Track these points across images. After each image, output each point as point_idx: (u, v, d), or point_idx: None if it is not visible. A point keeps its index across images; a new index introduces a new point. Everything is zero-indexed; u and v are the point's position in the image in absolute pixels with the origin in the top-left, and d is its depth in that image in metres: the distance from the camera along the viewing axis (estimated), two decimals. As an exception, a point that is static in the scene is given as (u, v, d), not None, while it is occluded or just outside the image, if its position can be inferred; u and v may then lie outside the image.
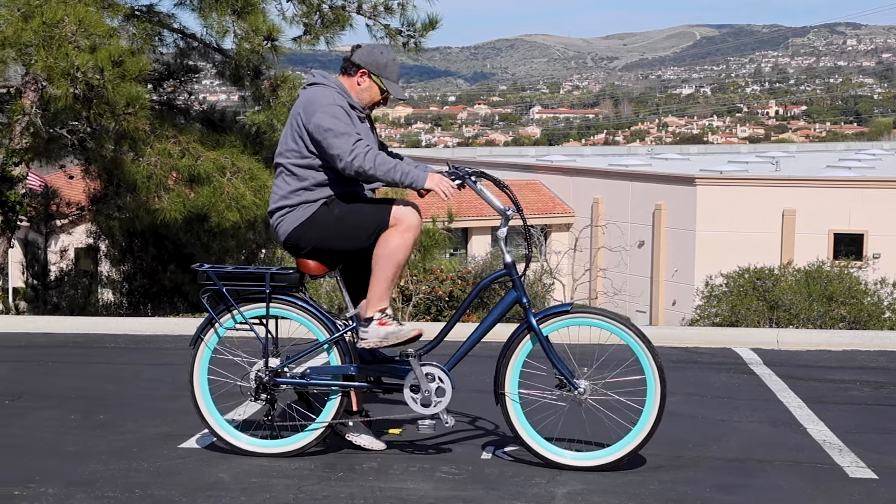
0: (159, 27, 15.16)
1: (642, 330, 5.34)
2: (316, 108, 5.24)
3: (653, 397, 5.23)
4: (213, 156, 13.37)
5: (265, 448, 5.48)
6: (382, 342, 5.26)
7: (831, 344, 8.83)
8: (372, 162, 5.13)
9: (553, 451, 5.31)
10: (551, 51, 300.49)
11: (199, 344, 5.48)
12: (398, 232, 5.24)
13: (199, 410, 5.50)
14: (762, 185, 38.18)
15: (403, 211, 5.26)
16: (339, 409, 5.42)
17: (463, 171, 5.37)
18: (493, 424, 6.02)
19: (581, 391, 5.29)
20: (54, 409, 6.55)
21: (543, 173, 45.62)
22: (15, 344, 8.96)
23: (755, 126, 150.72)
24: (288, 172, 5.34)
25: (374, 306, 5.29)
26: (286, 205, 5.34)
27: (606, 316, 5.29)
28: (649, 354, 5.21)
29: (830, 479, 5.22)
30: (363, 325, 5.29)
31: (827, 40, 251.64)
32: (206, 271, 5.43)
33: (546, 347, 5.26)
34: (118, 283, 17.47)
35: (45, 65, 11.25)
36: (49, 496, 4.85)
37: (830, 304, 21.37)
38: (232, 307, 5.43)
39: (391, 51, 5.51)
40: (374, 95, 5.45)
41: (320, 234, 5.29)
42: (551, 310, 5.32)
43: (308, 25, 15.01)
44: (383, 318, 5.28)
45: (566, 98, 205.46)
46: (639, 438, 5.26)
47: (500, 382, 5.32)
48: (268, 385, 5.41)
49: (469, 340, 5.39)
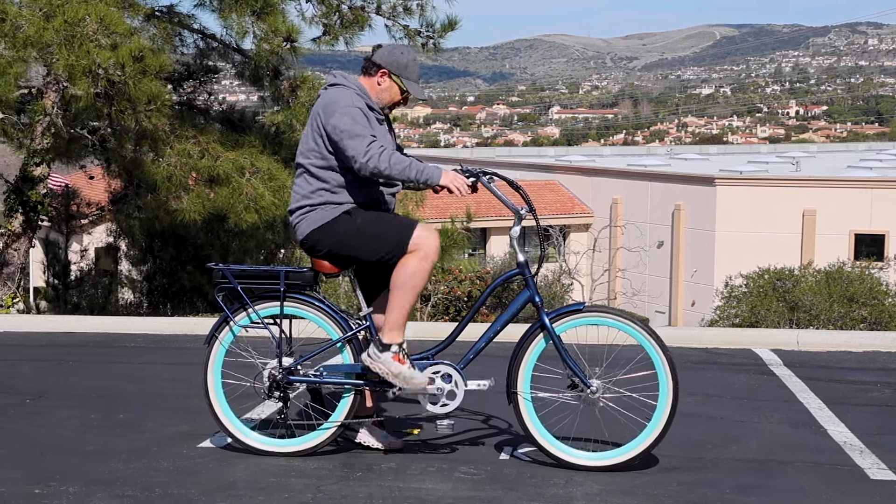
0: (179, 27, 15.23)
1: (655, 330, 5.32)
2: (334, 109, 5.25)
3: (665, 397, 5.22)
4: (233, 156, 13.41)
5: (278, 447, 5.49)
6: (389, 377, 5.25)
7: (852, 345, 8.78)
8: (387, 162, 5.13)
9: (565, 451, 5.31)
10: (570, 51, 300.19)
11: (213, 342, 5.50)
12: (417, 259, 5.23)
13: (212, 409, 5.52)
14: (782, 185, 38.04)
15: (423, 236, 5.24)
16: (353, 408, 5.43)
17: (476, 169, 5.38)
18: (512, 425, 6.01)
19: (594, 390, 5.29)
20: (75, 408, 6.58)
21: (562, 174, 45.57)
22: (36, 343, 9.00)
23: (775, 126, 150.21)
24: (309, 173, 5.35)
25: (392, 336, 5.27)
26: (306, 204, 5.35)
27: (619, 315, 5.28)
28: (662, 354, 5.20)
29: (851, 481, 5.19)
30: (378, 346, 5.28)
31: (848, 40, 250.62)
32: (222, 270, 5.45)
33: (559, 346, 5.25)
34: (138, 283, 17.56)
35: (67, 63, 11.31)
36: (69, 495, 4.87)
37: (851, 305, 21.29)
38: (246, 305, 5.45)
39: (412, 51, 5.50)
40: (395, 95, 5.45)
41: (339, 240, 5.29)
42: (564, 309, 5.31)
43: (327, 26, 15.04)
44: (400, 353, 5.28)
45: (585, 98, 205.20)
46: (651, 438, 5.24)
47: (512, 382, 5.32)
48: (281, 383, 5.43)
49: (482, 339, 5.40)
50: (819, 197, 36.62)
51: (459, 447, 5.65)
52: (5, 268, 14.13)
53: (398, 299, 5.24)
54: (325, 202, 5.32)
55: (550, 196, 43.39)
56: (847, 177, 40.12)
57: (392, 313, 5.26)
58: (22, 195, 14.10)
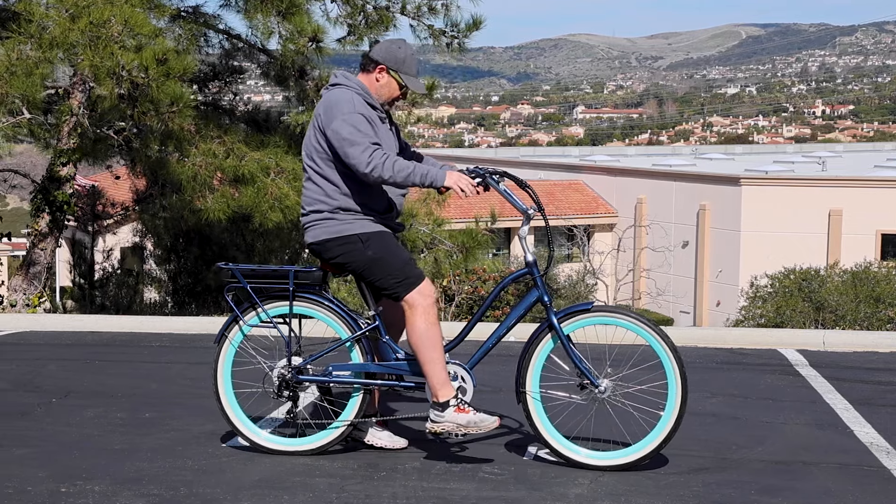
0: (205, 28, 15.28)
1: (664, 329, 5.30)
2: (335, 114, 5.24)
3: (674, 397, 5.20)
4: (258, 156, 13.44)
5: (287, 446, 5.51)
6: (461, 429, 5.22)
7: (879, 346, 8.72)
8: (391, 170, 5.13)
9: (574, 450, 5.31)
10: (595, 50, 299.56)
11: (223, 341, 5.52)
12: (418, 315, 5.23)
13: (222, 407, 5.54)
14: (808, 185, 37.81)
15: (421, 292, 5.24)
16: (361, 408, 5.43)
17: (484, 169, 5.36)
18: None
19: (602, 390, 5.27)
20: (101, 406, 6.62)
21: (587, 173, 45.47)
22: (63, 342, 9.06)
23: (801, 126, 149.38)
24: (317, 174, 5.35)
25: (444, 392, 5.23)
26: (319, 209, 5.34)
27: (628, 315, 5.27)
28: (671, 354, 5.18)
29: (878, 482, 5.16)
30: (436, 408, 5.25)
31: (875, 39, 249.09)
32: (231, 269, 5.46)
33: (567, 346, 5.25)
34: (163, 283, 17.63)
35: (91, 64, 11.37)
36: (95, 493, 4.89)
37: (878, 306, 21.15)
38: (256, 305, 5.46)
39: (409, 46, 5.48)
40: (393, 91, 5.44)
41: (348, 259, 5.31)
42: (572, 308, 5.31)
43: (352, 26, 15.06)
44: (459, 403, 5.25)
45: (610, 98, 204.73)
46: (660, 438, 5.23)
47: (521, 381, 5.32)
48: (291, 382, 5.43)
49: (491, 339, 5.40)
50: (845, 197, 36.40)
51: (483, 447, 5.65)
52: (32, 267, 14.22)
53: (425, 358, 5.22)
54: (339, 207, 5.31)
55: (575, 196, 43.31)
56: (874, 176, 39.85)
57: (429, 374, 5.24)
58: (48, 195, 14.18)
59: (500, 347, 5.54)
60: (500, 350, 6.23)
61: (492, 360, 6.60)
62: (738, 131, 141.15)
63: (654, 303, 38.74)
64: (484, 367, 5.50)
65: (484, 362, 5.51)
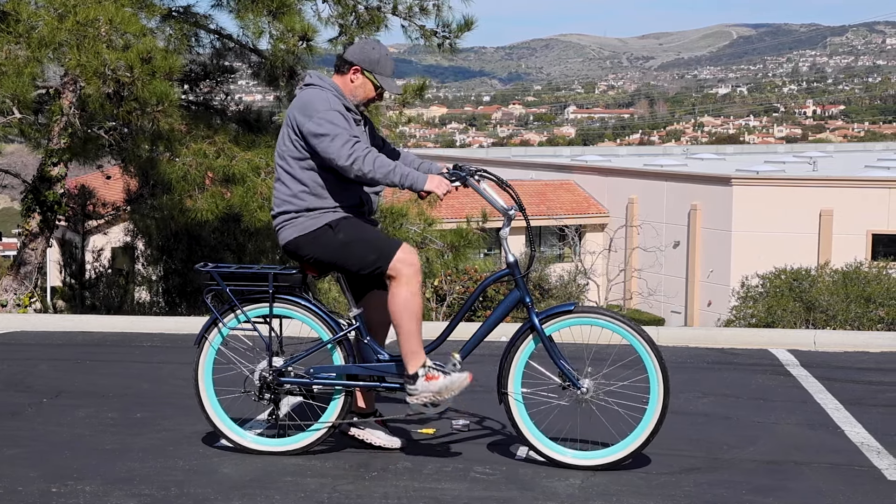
0: (196, 28, 15.26)
1: (645, 330, 5.32)
2: (311, 112, 5.20)
3: (656, 397, 5.22)
4: (248, 156, 13.43)
5: (269, 447, 5.50)
6: (437, 397, 5.22)
7: (869, 346, 8.75)
8: (371, 165, 5.10)
9: (557, 451, 5.31)
10: (586, 51, 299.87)
11: (203, 343, 5.50)
12: (402, 284, 5.20)
13: (203, 409, 5.53)
14: (799, 185, 37.90)
15: (402, 259, 5.20)
16: (344, 409, 5.42)
17: (466, 170, 5.34)
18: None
19: (584, 390, 5.28)
20: (92, 406, 6.61)
21: (578, 173, 45.51)
22: (54, 342, 9.04)
23: (792, 126, 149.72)
24: (288, 175, 5.31)
25: (414, 363, 5.24)
26: (287, 210, 5.31)
27: (609, 315, 5.28)
28: (653, 354, 5.19)
29: (868, 482, 5.17)
30: (409, 381, 5.25)
31: (866, 39, 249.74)
32: (210, 271, 5.43)
33: (549, 347, 5.25)
34: (154, 283, 17.60)
35: (78, 63, 11.34)
36: (86, 493, 4.88)
37: (868, 306, 21.20)
38: (235, 307, 5.44)
39: (384, 46, 5.43)
40: (368, 92, 5.40)
41: (322, 251, 5.28)
42: (554, 309, 5.31)
43: (343, 26, 15.05)
44: (429, 372, 5.25)
45: (601, 98, 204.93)
46: (642, 438, 5.24)
47: (503, 382, 5.32)
48: (272, 384, 5.42)
49: (472, 340, 5.39)
50: (836, 197, 36.48)
51: (475, 447, 5.65)
52: (22, 267, 14.19)
53: (403, 329, 5.22)
54: (307, 208, 5.28)
55: (566, 196, 43.35)
56: (864, 176, 39.96)
57: (403, 344, 5.24)
58: (39, 195, 14.15)
59: (493, 348, 5.54)
60: (494, 350, 6.23)
61: (484, 360, 6.61)
62: (729, 131, 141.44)
63: (646, 303, 38.79)
64: (477, 367, 5.49)
65: (477, 362, 5.51)
